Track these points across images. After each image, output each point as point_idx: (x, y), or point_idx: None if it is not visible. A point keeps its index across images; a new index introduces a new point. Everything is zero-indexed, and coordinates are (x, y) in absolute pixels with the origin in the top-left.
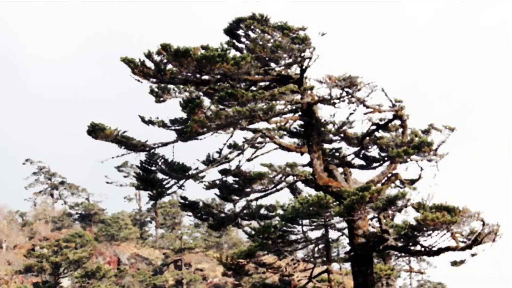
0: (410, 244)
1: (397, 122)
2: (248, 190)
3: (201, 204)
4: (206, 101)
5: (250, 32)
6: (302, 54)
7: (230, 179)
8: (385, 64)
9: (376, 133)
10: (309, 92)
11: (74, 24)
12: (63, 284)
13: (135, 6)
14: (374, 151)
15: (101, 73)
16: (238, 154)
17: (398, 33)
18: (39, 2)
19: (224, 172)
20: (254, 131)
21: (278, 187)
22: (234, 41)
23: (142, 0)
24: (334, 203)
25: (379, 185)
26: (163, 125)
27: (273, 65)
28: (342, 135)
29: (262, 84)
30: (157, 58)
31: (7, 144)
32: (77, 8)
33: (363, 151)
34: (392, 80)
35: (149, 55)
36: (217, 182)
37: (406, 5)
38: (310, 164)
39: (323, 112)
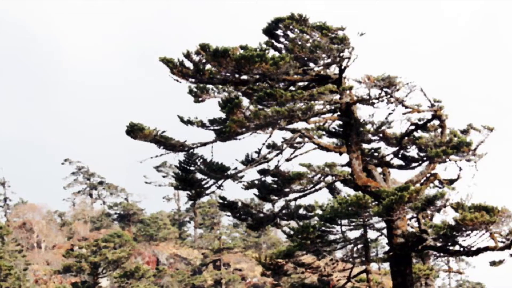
0: (449, 244)
1: (436, 122)
2: (287, 190)
3: (240, 204)
4: (245, 101)
5: (289, 32)
6: (341, 54)
7: (269, 179)
8: (423, 64)
9: (415, 133)
10: (348, 92)
11: (112, 24)
12: (101, 284)
13: (173, 6)
14: (413, 151)
15: (139, 73)
16: (277, 154)
17: (436, 33)
18: (77, 2)
19: (263, 172)
20: (293, 131)
21: (317, 187)
22: (273, 41)
23: (180, 0)
24: (373, 203)
25: (418, 185)
26: (202, 125)
27: (312, 65)
28: (381, 135)
29: (300, 84)
30: (196, 58)
31: (46, 144)
32: (116, 8)
33: (402, 151)
34: (431, 80)
35: (188, 55)
36: (256, 182)
37: (444, 5)
38: (349, 164)
39: (362, 112)
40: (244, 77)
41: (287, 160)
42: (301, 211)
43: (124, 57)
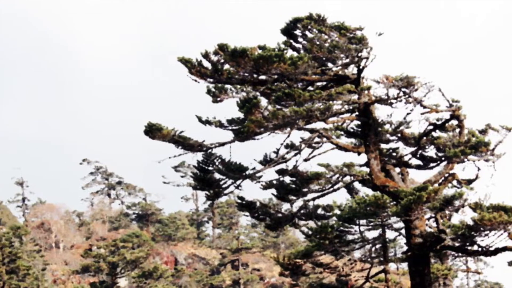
0: (467, 244)
1: (454, 122)
2: (305, 190)
3: (258, 204)
4: (263, 101)
5: (307, 32)
6: (359, 54)
7: (287, 179)
8: (441, 64)
9: (433, 133)
10: (366, 92)
11: (129, 24)
12: (120, 284)
13: (191, 6)
14: (431, 151)
15: (157, 73)
16: (295, 154)
17: (454, 32)
18: (94, 2)
19: (281, 172)
20: (311, 131)
21: (335, 187)
22: (291, 41)
23: (197, 0)
24: (391, 203)
25: (436, 185)
26: (220, 125)
27: (330, 65)
28: (399, 135)
29: (319, 84)
30: (214, 58)
31: (64, 144)
32: (132, 8)
33: (420, 151)
34: (449, 80)
35: (206, 55)
36: (274, 182)
37: (461, 5)
38: (367, 164)
39: (380, 112)
40: (263, 77)
41: (305, 160)
42: (319, 211)
43: (140, 57)
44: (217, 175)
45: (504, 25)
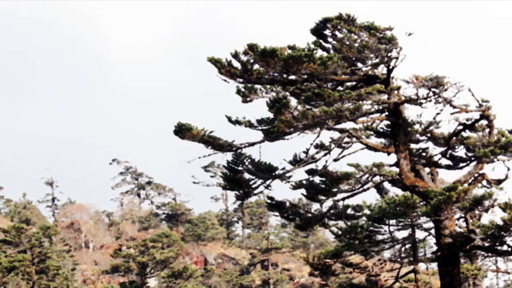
0: (497, 244)
1: (484, 122)
2: (335, 190)
3: (288, 204)
4: (293, 101)
5: (336, 32)
6: (389, 54)
7: (317, 179)
8: (471, 64)
9: (463, 133)
10: (396, 92)
11: (160, 24)
12: (149, 284)
13: (220, 6)
14: (461, 151)
15: (186, 73)
16: (325, 154)
17: (483, 33)
18: (124, 2)
19: (311, 172)
20: (341, 131)
21: (365, 187)
22: (321, 41)
23: (227, 0)
24: (421, 203)
25: (465, 185)
26: (249, 125)
27: (359, 65)
28: (428, 135)
29: (348, 84)
30: (243, 58)
31: (93, 144)
32: (162, 8)
33: (450, 151)
34: (478, 80)
35: (235, 55)
36: (304, 182)
37: (490, 5)
38: (396, 164)
39: (410, 112)
40: (292, 77)
41: (335, 160)
42: (349, 211)
43: (171, 57)
44: (246, 175)
45: None
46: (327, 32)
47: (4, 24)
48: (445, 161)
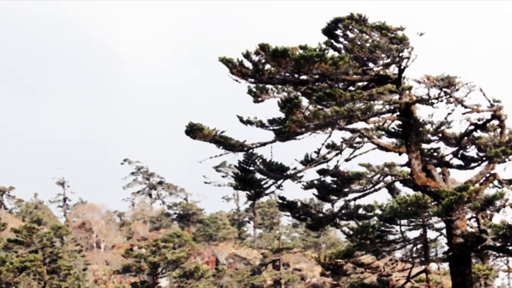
0: (509, 244)
1: (495, 122)
2: (346, 190)
3: (299, 204)
4: (304, 101)
5: (348, 32)
6: (401, 54)
7: (328, 179)
8: (482, 64)
9: (474, 133)
10: (407, 92)
11: (171, 24)
12: (161, 284)
13: (231, 6)
14: (472, 151)
15: (198, 73)
16: (336, 154)
17: (494, 32)
18: (136, 2)
19: (322, 172)
20: (352, 131)
21: (376, 187)
22: (332, 41)
23: (238, 0)
24: (432, 203)
25: (477, 185)
26: (261, 125)
27: (371, 65)
28: (440, 135)
29: (360, 84)
30: (255, 58)
31: (105, 144)
32: (173, 8)
33: (461, 151)
34: (490, 80)
35: (247, 55)
36: (315, 182)
37: (501, 4)
38: (408, 164)
39: (421, 112)
40: (304, 77)
41: (347, 160)
42: (361, 211)
43: (182, 57)
44: (258, 175)
45: None
46: (339, 32)
47: (18, 24)
48: (456, 161)
